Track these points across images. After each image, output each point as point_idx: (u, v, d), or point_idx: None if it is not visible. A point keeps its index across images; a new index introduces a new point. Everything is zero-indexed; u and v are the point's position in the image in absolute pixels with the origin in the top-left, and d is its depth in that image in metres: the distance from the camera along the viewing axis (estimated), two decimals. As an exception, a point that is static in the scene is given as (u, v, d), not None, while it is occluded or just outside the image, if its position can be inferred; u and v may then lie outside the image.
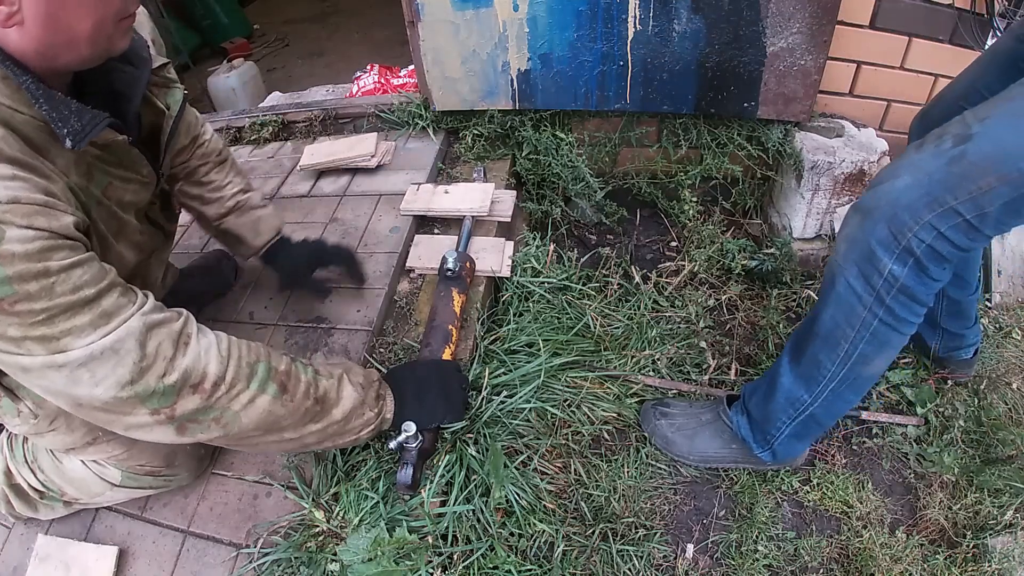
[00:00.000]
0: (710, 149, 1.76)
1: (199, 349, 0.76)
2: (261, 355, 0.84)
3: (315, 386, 0.89)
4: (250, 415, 0.80)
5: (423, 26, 1.65)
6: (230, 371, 0.78)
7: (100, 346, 0.68)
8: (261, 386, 0.81)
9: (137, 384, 0.70)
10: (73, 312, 0.67)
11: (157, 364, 0.72)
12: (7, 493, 1.11)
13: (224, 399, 0.77)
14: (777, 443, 1.15)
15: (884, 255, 0.86)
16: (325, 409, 0.90)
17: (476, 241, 1.55)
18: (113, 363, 0.69)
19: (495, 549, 1.07)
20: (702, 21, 1.51)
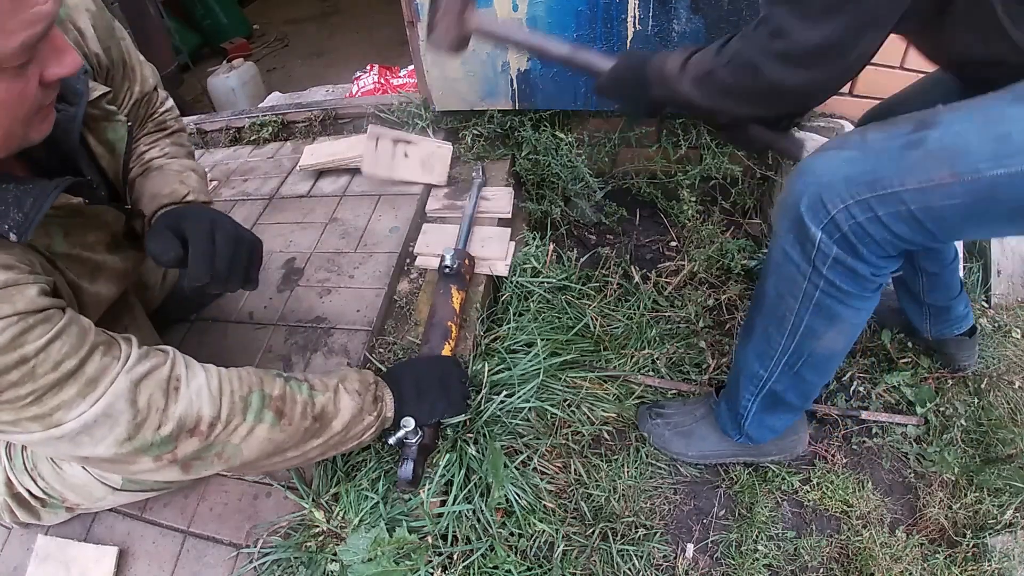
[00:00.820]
0: (709, 149, 1.76)
1: (190, 394, 0.77)
2: (254, 384, 0.84)
3: (311, 404, 0.89)
4: (251, 446, 0.81)
5: (423, 26, 1.65)
6: (224, 409, 0.78)
7: (92, 414, 0.69)
8: (257, 416, 0.82)
9: (135, 440, 0.72)
10: (59, 387, 0.67)
11: (151, 417, 0.73)
12: (9, 503, 1.11)
13: (223, 435, 0.78)
14: (748, 424, 1.12)
15: (811, 223, 0.81)
16: (324, 424, 0.90)
17: (479, 231, 1.56)
18: (108, 426, 0.70)
19: (495, 549, 1.07)
20: (702, 21, 1.51)
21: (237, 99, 3.43)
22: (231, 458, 0.80)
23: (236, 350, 1.37)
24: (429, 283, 1.49)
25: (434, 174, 1.71)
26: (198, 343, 1.41)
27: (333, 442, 0.92)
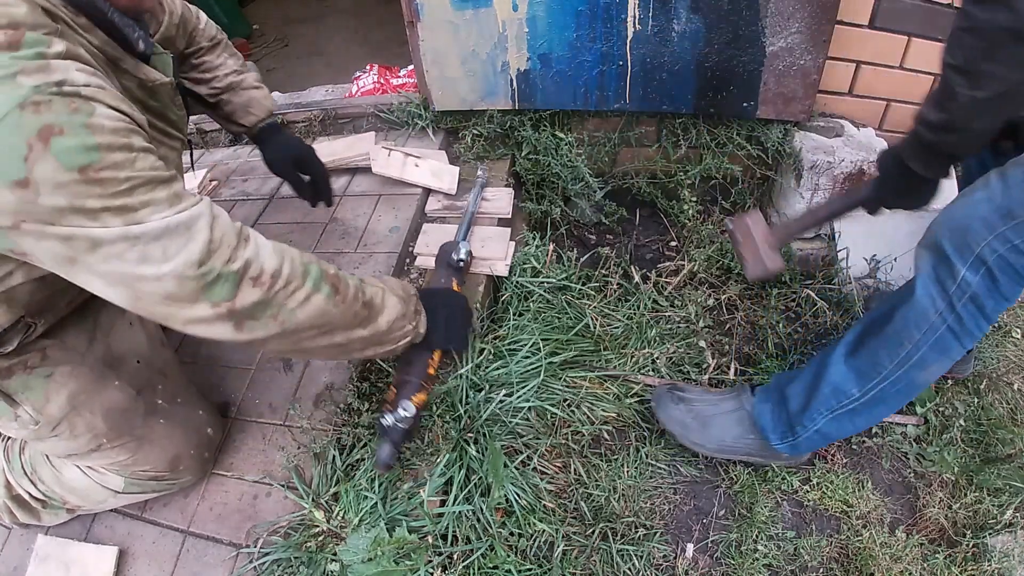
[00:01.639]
0: (709, 149, 1.76)
1: (257, 245, 0.79)
2: (311, 258, 0.86)
3: (363, 292, 0.93)
4: (306, 312, 0.82)
5: (422, 26, 1.65)
6: (286, 267, 0.80)
7: (176, 220, 0.70)
8: (315, 285, 0.83)
9: (204, 265, 0.72)
10: (152, 186, 0.69)
11: (223, 249, 0.74)
12: (8, 505, 1.11)
13: (282, 294, 0.79)
14: (804, 436, 1.11)
15: (958, 261, 0.92)
16: (372, 315, 0.94)
17: (479, 231, 1.56)
18: (185, 239, 0.71)
19: (495, 549, 1.07)
20: (701, 21, 1.51)
21: (237, 99, 3.42)
22: (285, 321, 0.80)
23: (237, 350, 1.37)
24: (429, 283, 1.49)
25: (443, 183, 1.71)
26: (198, 343, 1.41)
27: (376, 338, 0.96)
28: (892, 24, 1.52)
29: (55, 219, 0.64)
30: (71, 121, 0.63)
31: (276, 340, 0.82)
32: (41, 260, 0.69)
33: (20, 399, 0.92)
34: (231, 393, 1.31)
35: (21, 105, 0.60)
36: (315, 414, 1.23)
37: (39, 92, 0.61)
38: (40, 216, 0.64)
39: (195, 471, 1.14)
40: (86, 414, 0.97)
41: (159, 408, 1.08)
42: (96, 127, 0.65)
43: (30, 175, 0.61)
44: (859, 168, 1.57)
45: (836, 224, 1.64)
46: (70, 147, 0.62)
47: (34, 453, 1.10)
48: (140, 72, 0.86)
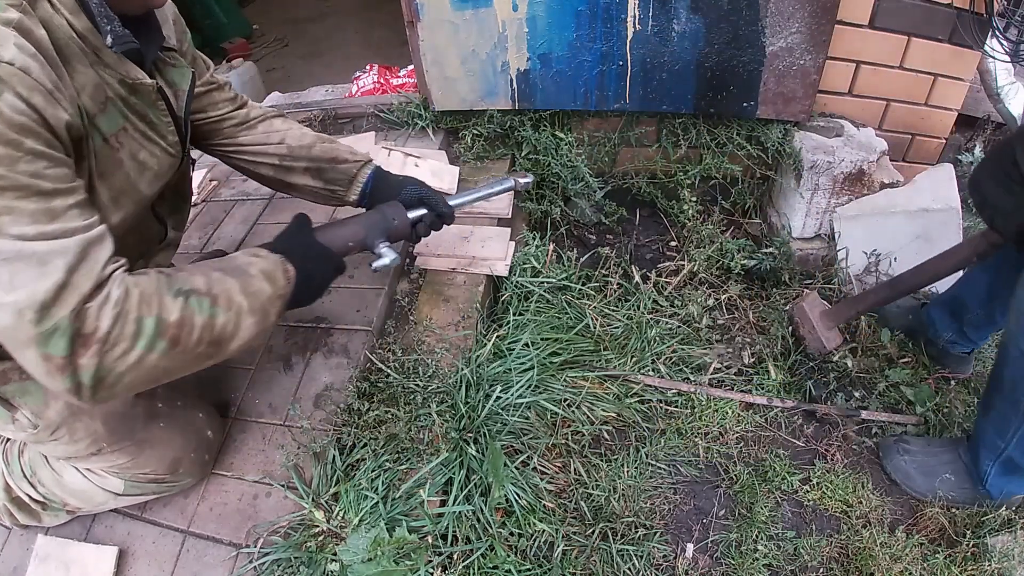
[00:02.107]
0: (709, 149, 1.76)
1: (105, 298, 0.70)
2: (152, 307, 0.74)
3: (211, 328, 0.80)
4: (140, 373, 0.74)
5: (422, 26, 1.65)
6: (117, 328, 0.70)
7: (31, 248, 0.64)
8: (149, 345, 0.73)
9: (45, 310, 0.65)
10: (22, 194, 0.63)
11: (70, 298, 0.66)
12: (8, 507, 1.11)
13: (108, 359, 0.70)
14: (988, 483, 1.18)
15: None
16: (221, 348, 0.83)
17: (479, 231, 1.56)
18: (35, 273, 0.64)
19: (495, 549, 1.07)
20: (701, 21, 1.51)
21: (237, 99, 3.42)
22: (114, 384, 0.72)
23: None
24: (429, 283, 1.50)
25: (444, 182, 1.71)
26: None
27: (227, 358, 0.86)
28: (892, 24, 1.53)
29: None
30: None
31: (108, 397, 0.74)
32: None
33: (18, 403, 0.91)
34: (231, 393, 1.31)
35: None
36: (315, 414, 1.23)
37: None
38: None
39: (195, 473, 1.13)
40: (85, 419, 0.96)
41: (158, 412, 1.07)
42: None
43: None
44: (859, 168, 1.57)
45: (836, 224, 1.64)
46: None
47: (33, 456, 1.10)
48: (122, 67, 0.83)
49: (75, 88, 0.75)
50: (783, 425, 1.40)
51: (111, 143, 0.83)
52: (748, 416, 1.41)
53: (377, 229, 1.13)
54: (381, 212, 1.16)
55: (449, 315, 1.41)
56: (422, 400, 1.23)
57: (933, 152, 1.78)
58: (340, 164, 1.24)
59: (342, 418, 1.21)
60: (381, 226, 1.14)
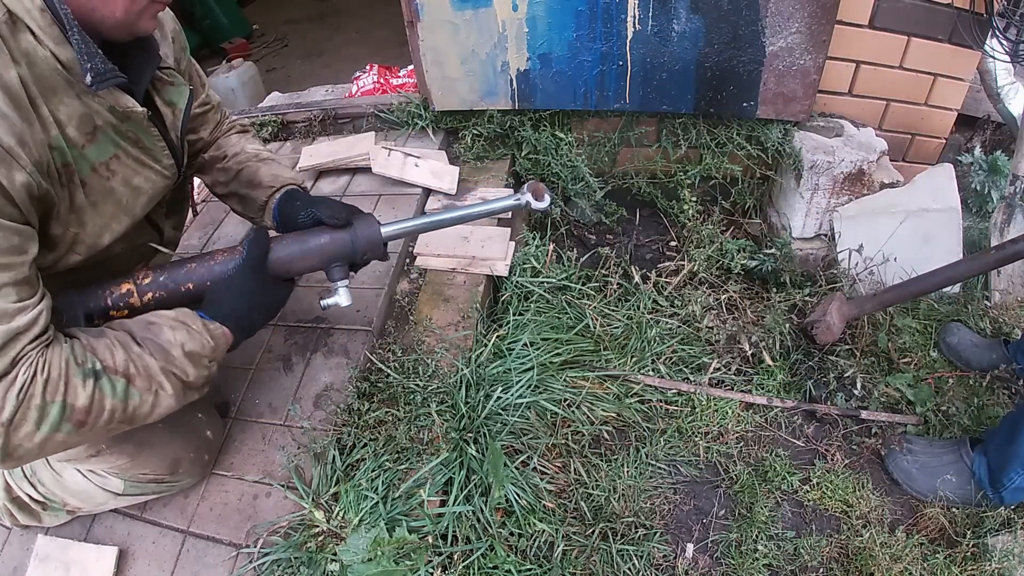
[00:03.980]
0: (709, 149, 1.76)
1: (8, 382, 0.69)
2: (58, 392, 0.73)
3: (124, 408, 0.79)
4: (47, 450, 0.75)
5: (422, 26, 1.65)
6: (19, 413, 0.70)
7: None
8: (53, 427, 0.73)
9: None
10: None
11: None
12: (9, 507, 1.11)
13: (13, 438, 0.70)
14: (1007, 491, 1.18)
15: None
16: (135, 422, 0.83)
17: (479, 231, 1.56)
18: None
19: (495, 549, 1.07)
20: (701, 21, 1.51)
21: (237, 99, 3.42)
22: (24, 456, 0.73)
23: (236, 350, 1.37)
24: (429, 283, 1.49)
25: (444, 183, 1.71)
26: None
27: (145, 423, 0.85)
28: (892, 24, 1.53)
29: None
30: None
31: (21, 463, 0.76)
32: None
33: None
34: (231, 393, 1.31)
35: None
36: (315, 414, 1.23)
37: None
38: None
39: (195, 473, 1.13)
40: None
41: None
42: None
43: None
44: (859, 168, 1.57)
45: (836, 224, 1.64)
46: None
47: None
48: (110, 97, 0.82)
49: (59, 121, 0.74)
50: (783, 425, 1.40)
51: (100, 172, 0.83)
52: (748, 416, 1.41)
53: (338, 261, 1.05)
54: (346, 238, 1.05)
55: (449, 315, 1.41)
56: (422, 400, 1.23)
57: (933, 152, 1.78)
58: (255, 190, 1.18)
59: (342, 418, 1.21)
60: (342, 257, 1.05)
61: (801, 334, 1.52)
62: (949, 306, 1.62)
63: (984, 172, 1.80)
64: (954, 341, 1.50)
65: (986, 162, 1.80)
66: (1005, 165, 1.75)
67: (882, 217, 1.59)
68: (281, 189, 1.17)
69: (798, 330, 1.53)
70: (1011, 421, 1.19)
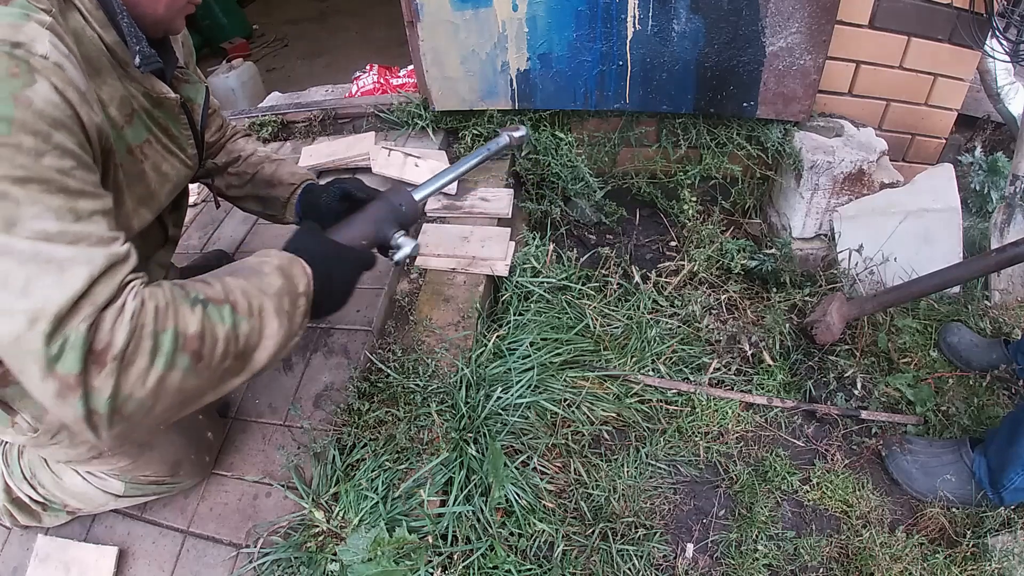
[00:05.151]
0: (709, 149, 1.76)
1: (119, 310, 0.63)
2: (168, 319, 0.66)
3: (234, 339, 0.73)
4: (161, 400, 0.66)
5: (422, 26, 1.65)
6: (134, 340, 0.63)
7: (49, 252, 0.59)
8: (169, 362, 0.65)
9: (61, 321, 0.58)
10: (48, 189, 0.60)
11: (85, 307, 0.60)
12: (9, 508, 1.10)
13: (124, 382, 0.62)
14: (1007, 491, 1.18)
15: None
16: (247, 361, 0.76)
17: (479, 231, 1.56)
18: (54, 280, 0.59)
19: (495, 549, 1.07)
20: (701, 21, 1.51)
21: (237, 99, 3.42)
22: (131, 414, 0.64)
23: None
24: (429, 283, 1.49)
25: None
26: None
27: (256, 374, 0.79)
28: (892, 24, 1.53)
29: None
30: (1, 85, 0.58)
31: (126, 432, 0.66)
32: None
33: (17, 407, 0.91)
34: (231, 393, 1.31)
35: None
36: (315, 414, 1.23)
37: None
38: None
39: (196, 474, 1.13)
40: None
41: None
42: (22, 101, 0.59)
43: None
44: (859, 168, 1.57)
45: (836, 224, 1.64)
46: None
47: (33, 458, 1.10)
48: (147, 82, 0.86)
49: (102, 100, 0.76)
50: (783, 425, 1.40)
51: (135, 154, 0.85)
52: (748, 416, 1.41)
53: (388, 221, 1.07)
54: (387, 201, 1.07)
55: (449, 315, 1.41)
56: (422, 400, 1.23)
57: (933, 152, 1.78)
58: (276, 189, 1.22)
59: (342, 418, 1.21)
60: (391, 217, 1.07)
61: (801, 334, 1.52)
62: (949, 306, 1.62)
63: (984, 172, 1.80)
64: (954, 341, 1.50)
65: (986, 162, 1.80)
66: (1005, 165, 1.75)
67: (882, 217, 1.59)
68: (301, 185, 1.20)
69: (798, 330, 1.53)
70: (1011, 421, 1.19)
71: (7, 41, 0.60)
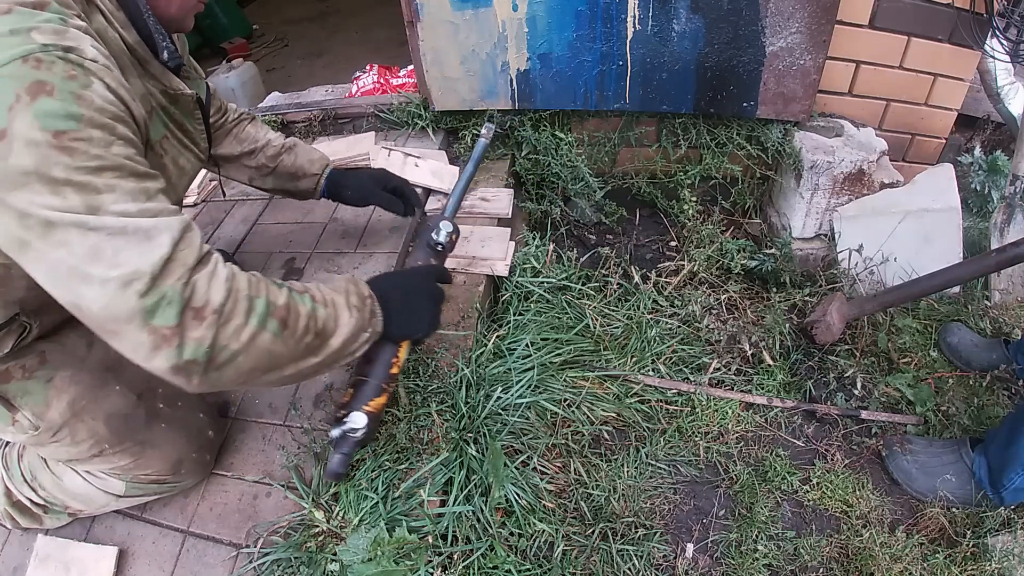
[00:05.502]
0: (709, 149, 1.76)
1: (211, 273, 0.71)
2: (261, 288, 0.77)
3: (314, 319, 0.83)
4: (249, 354, 0.74)
5: (422, 26, 1.65)
6: (230, 303, 0.72)
7: (136, 224, 0.66)
8: (261, 322, 0.74)
9: (153, 283, 0.65)
10: (121, 174, 0.66)
11: (177, 270, 0.68)
12: (10, 511, 1.10)
13: (223, 333, 0.71)
14: (1007, 491, 1.18)
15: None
16: (324, 340, 0.85)
17: (479, 231, 1.56)
18: (142, 248, 0.65)
19: (495, 549, 1.07)
20: (701, 20, 1.51)
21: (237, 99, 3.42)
22: (224, 366, 0.72)
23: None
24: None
25: (444, 183, 1.72)
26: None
27: (329, 360, 0.87)
28: (892, 24, 1.53)
29: (18, 183, 0.62)
30: (63, 86, 0.63)
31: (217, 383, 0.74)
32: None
33: (19, 404, 0.91)
34: (231, 393, 1.31)
35: (24, 58, 0.61)
36: (315, 414, 1.23)
37: (46, 51, 0.63)
38: (5, 178, 0.61)
39: (196, 473, 1.13)
40: (88, 420, 0.96)
41: (160, 412, 1.07)
42: (85, 99, 0.64)
43: (9, 127, 0.61)
44: (859, 168, 1.57)
45: (836, 224, 1.64)
46: (52, 109, 0.62)
47: (33, 460, 1.09)
48: (165, 79, 0.89)
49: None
50: (783, 425, 1.40)
51: (156, 149, 0.90)
52: (748, 416, 1.41)
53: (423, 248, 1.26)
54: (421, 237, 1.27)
55: (449, 315, 1.41)
56: (422, 400, 1.23)
57: (933, 152, 1.78)
58: (302, 181, 1.40)
59: (342, 418, 1.21)
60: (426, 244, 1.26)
61: (801, 334, 1.52)
62: (949, 306, 1.62)
63: (984, 172, 1.80)
64: (954, 341, 1.50)
65: (986, 162, 1.80)
66: (1005, 165, 1.75)
67: (882, 217, 1.60)
68: (324, 172, 1.41)
69: (798, 330, 1.53)
70: (1011, 421, 1.19)
71: (58, 46, 0.64)
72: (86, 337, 0.99)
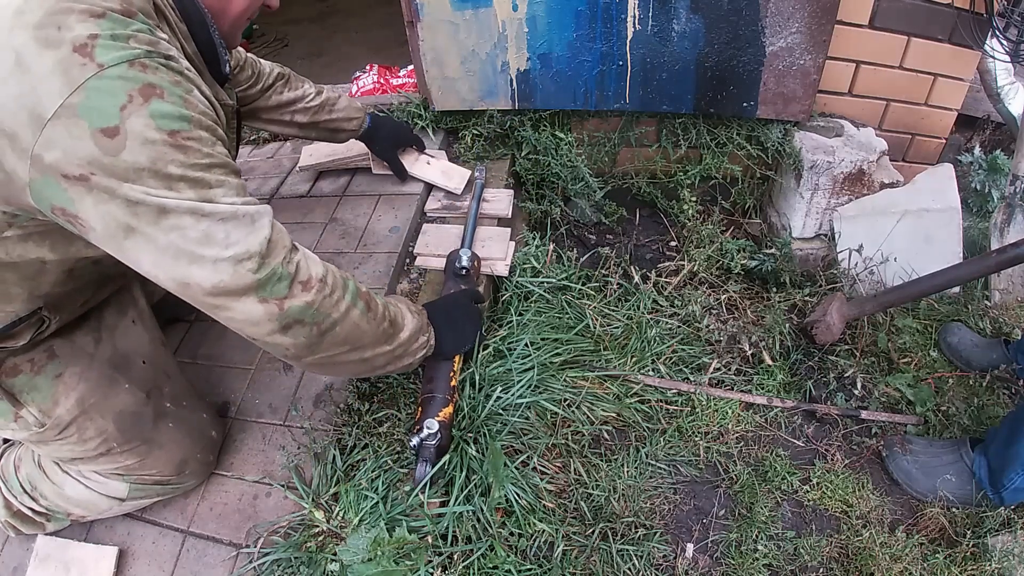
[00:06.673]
0: (709, 149, 1.76)
1: (304, 253, 0.83)
2: (349, 276, 0.90)
3: (387, 308, 0.97)
4: (344, 325, 0.86)
5: (422, 26, 1.65)
6: (330, 276, 0.84)
7: (244, 210, 0.74)
8: (353, 299, 0.87)
9: (263, 259, 0.74)
10: (227, 171, 0.74)
11: (280, 249, 0.77)
12: (11, 522, 1.09)
13: (327, 302, 0.82)
14: (1007, 491, 1.18)
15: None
16: (395, 331, 0.98)
17: (479, 231, 1.56)
18: (249, 230, 0.73)
19: (495, 549, 1.07)
20: (701, 21, 1.51)
21: (237, 99, 3.43)
22: (326, 331, 0.83)
23: (237, 350, 1.37)
24: (430, 283, 1.49)
25: (452, 182, 1.71)
26: (197, 343, 1.41)
27: (397, 353, 1.00)
28: (892, 24, 1.53)
29: (130, 177, 0.65)
30: (173, 90, 0.68)
31: (314, 351, 0.84)
32: (90, 226, 0.69)
33: (24, 400, 0.91)
34: (231, 393, 1.31)
35: (131, 61, 0.65)
36: (315, 414, 1.23)
37: (150, 57, 0.67)
38: (116, 172, 0.65)
39: (199, 474, 1.13)
40: (97, 418, 0.96)
41: (167, 411, 1.07)
42: (191, 103, 0.70)
43: (122, 125, 0.64)
44: (859, 168, 1.57)
45: (836, 224, 1.64)
46: (167, 111, 0.66)
47: (31, 470, 1.08)
48: (214, 90, 0.92)
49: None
50: (783, 425, 1.40)
51: None
52: (748, 416, 1.41)
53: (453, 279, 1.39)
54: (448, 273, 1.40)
55: (449, 315, 1.41)
56: (422, 400, 1.23)
57: (933, 152, 1.78)
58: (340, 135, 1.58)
59: (342, 418, 1.21)
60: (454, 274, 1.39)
61: (801, 334, 1.52)
62: (949, 306, 1.62)
63: (984, 172, 1.80)
64: (954, 341, 1.50)
65: (986, 162, 1.80)
66: (1005, 165, 1.75)
67: (882, 217, 1.60)
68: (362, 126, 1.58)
69: (798, 330, 1.53)
70: (1011, 421, 1.19)
71: (160, 54, 0.68)
72: (93, 333, 0.99)
